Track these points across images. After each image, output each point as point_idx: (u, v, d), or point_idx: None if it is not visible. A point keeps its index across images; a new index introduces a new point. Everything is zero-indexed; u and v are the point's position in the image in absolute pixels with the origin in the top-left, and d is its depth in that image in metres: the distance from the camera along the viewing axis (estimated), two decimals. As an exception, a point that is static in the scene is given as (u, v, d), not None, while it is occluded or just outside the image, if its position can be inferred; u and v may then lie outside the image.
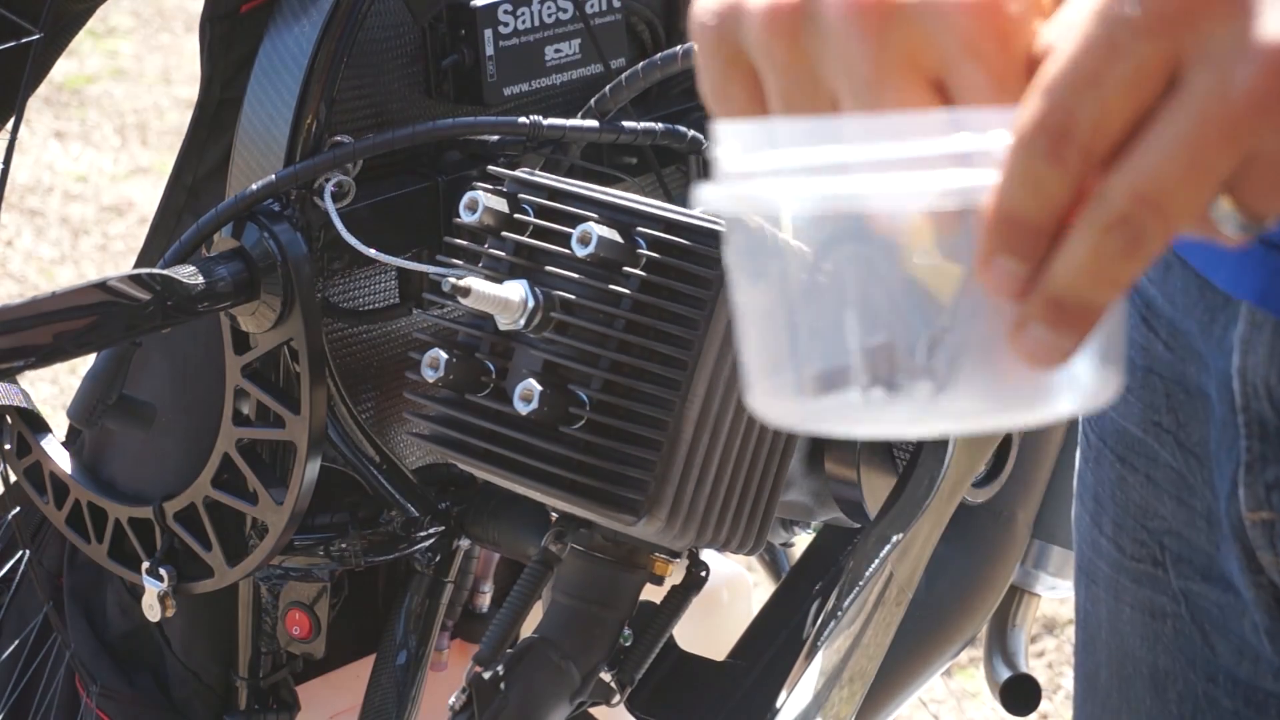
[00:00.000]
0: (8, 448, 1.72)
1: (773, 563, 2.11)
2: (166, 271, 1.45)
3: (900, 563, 1.57)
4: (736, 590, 2.05)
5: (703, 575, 1.54)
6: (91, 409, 1.53)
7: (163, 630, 1.76)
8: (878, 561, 1.55)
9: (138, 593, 1.69)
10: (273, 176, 1.51)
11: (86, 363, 1.54)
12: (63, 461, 1.71)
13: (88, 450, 1.74)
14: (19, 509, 1.79)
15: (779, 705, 1.56)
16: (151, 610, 1.67)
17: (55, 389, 3.55)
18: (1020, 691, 1.88)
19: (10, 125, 1.58)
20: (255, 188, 1.51)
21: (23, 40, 1.55)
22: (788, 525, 1.64)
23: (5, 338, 1.39)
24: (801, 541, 1.70)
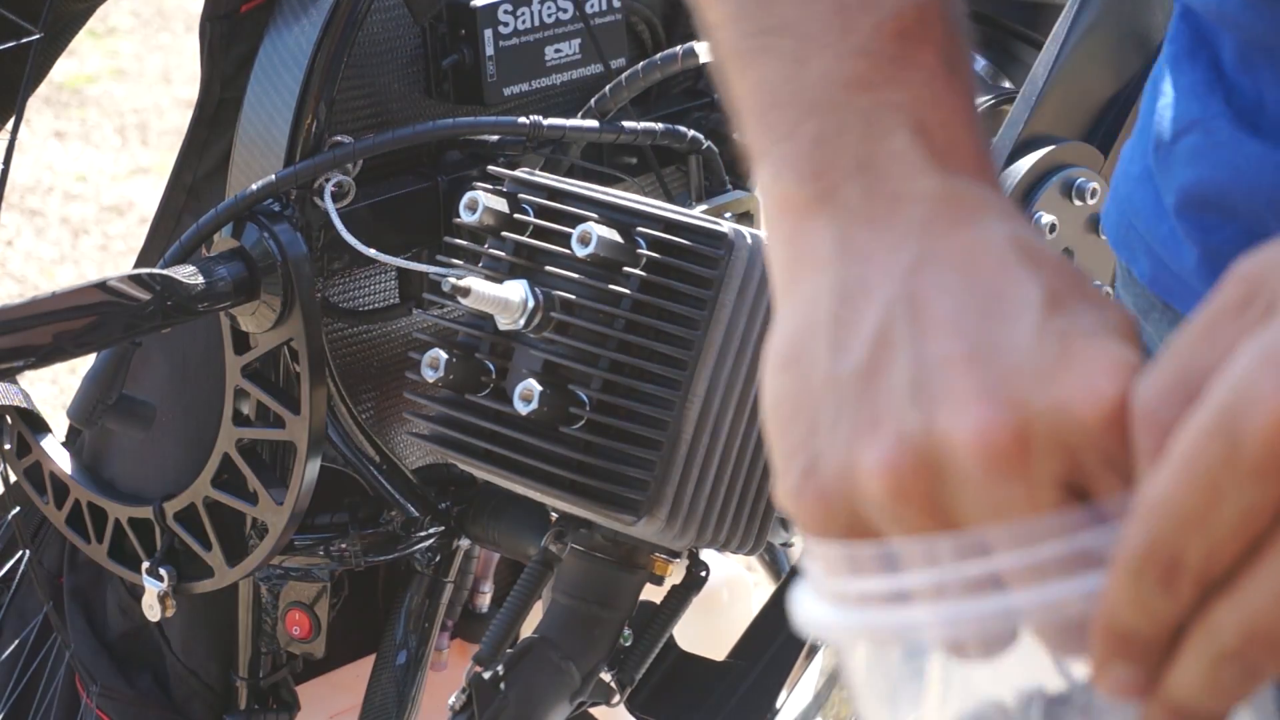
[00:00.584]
0: (8, 448, 1.72)
1: (773, 563, 2.11)
2: (166, 271, 1.45)
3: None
4: (736, 590, 2.05)
5: (703, 575, 1.54)
6: (91, 409, 1.53)
7: (162, 630, 1.76)
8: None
9: (138, 593, 1.69)
10: (273, 176, 1.51)
11: (86, 363, 1.54)
12: (63, 461, 1.71)
13: (88, 450, 1.74)
14: (19, 509, 1.78)
15: (779, 705, 1.56)
16: (151, 610, 1.67)
17: (55, 389, 3.55)
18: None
19: (10, 125, 1.58)
20: (255, 188, 1.51)
21: (23, 40, 1.55)
22: (788, 525, 1.64)
23: (5, 338, 1.39)
24: (801, 541, 1.70)
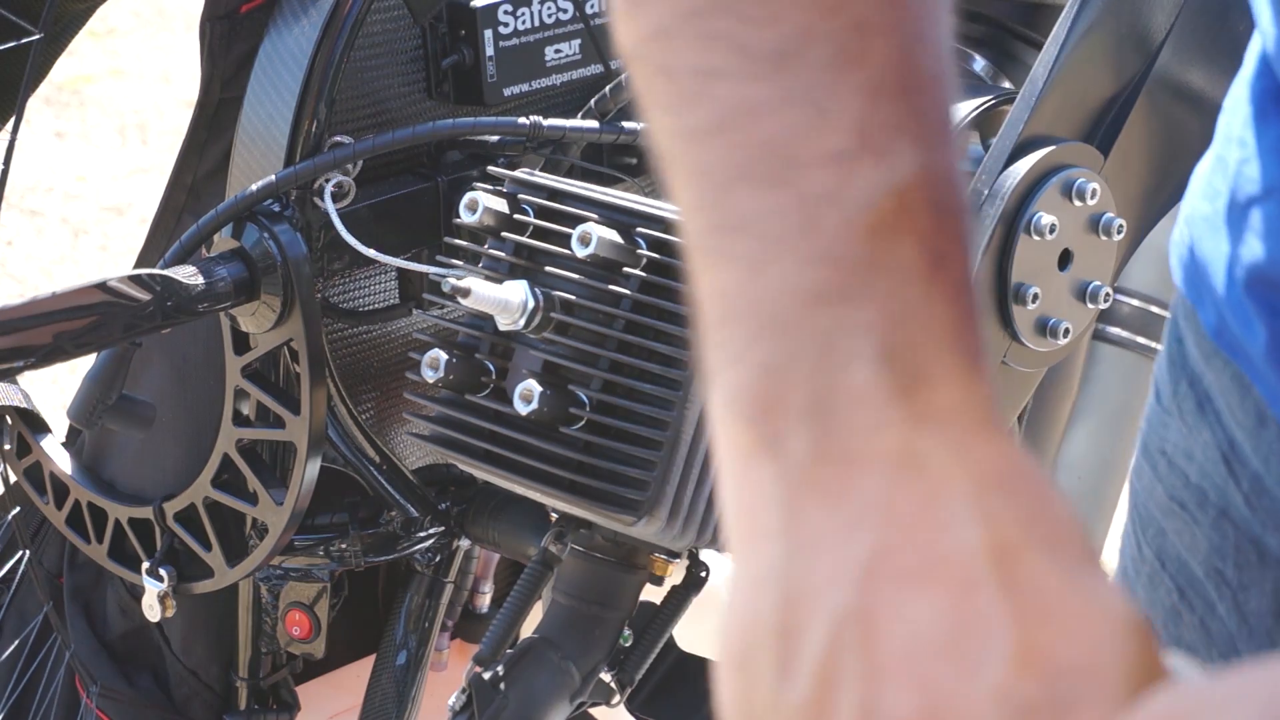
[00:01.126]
0: (8, 448, 1.72)
1: (773, 563, 2.11)
2: (166, 272, 1.45)
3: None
4: (736, 590, 2.05)
5: (703, 575, 1.54)
6: (91, 409, 1.53)
7: (162, 630, 1.76)
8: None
9: (138, 593, 1.69)
10: (273, 177, 1.51)
11: (86, 363, 1.54)
12: (63, 461, 1.71)
13: (88, 450, 1.74)
14: (19, 509, 1.78)
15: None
16: (151, 610, 1.67)
17: (55, 389, 3.55)
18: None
19: (10, 125, 1.58)
20: (255, 188, 1.51)
21: (23, 40, 1.55)
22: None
23: (5, 338, 1.39)
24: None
